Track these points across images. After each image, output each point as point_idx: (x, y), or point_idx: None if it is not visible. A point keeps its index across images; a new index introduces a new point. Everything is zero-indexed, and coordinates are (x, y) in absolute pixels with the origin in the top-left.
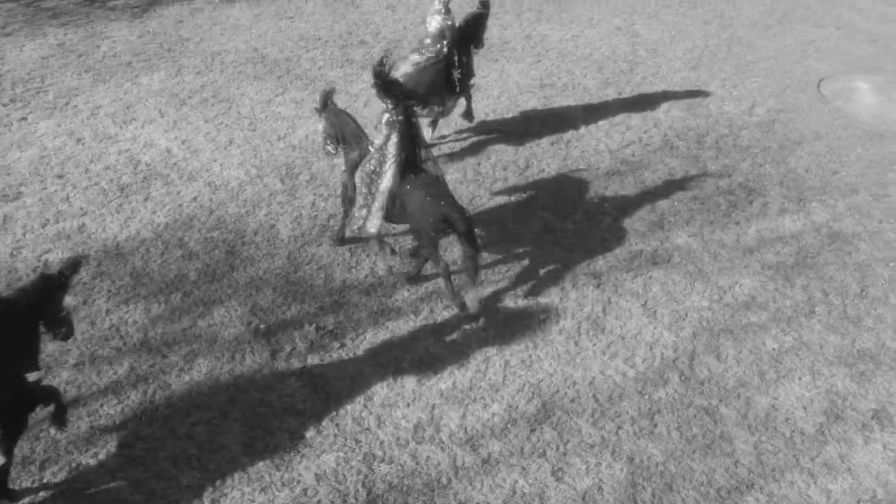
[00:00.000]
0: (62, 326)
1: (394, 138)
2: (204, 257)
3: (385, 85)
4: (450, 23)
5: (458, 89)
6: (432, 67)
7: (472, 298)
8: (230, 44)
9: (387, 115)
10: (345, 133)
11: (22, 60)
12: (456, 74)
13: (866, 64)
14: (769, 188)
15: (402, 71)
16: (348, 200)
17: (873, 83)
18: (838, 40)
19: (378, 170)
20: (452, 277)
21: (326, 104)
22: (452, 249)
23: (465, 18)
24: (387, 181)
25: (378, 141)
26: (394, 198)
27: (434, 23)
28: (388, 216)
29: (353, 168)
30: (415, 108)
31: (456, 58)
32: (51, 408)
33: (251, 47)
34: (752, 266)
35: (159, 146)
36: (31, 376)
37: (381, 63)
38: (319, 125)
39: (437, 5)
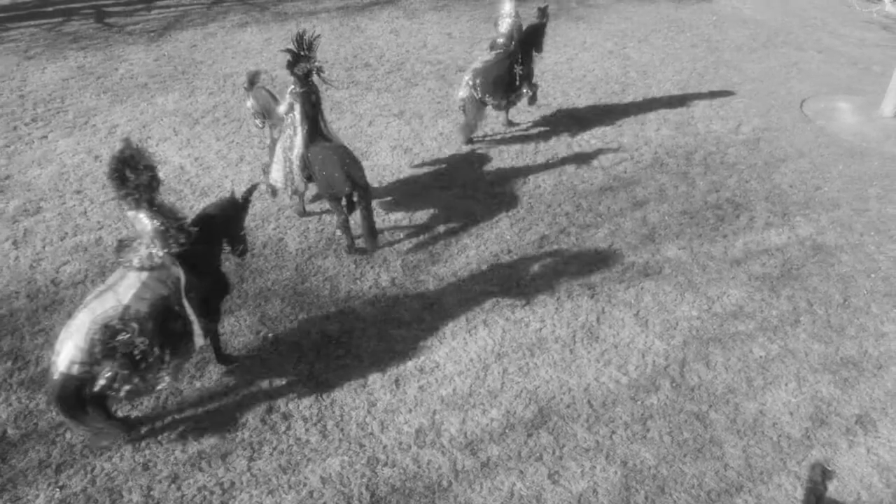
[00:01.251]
0: (241, 243)
1: (297, 108)
2: None
3: (292, 63)
4: (518, 24)
5: (518, 84)
6: (501, 63)
7: (371, 244)
8: (241, 66)
9: (291, 87)
10: (268, 109)
11: (43, 82)
12: (518, 70)
13: (846, 85)
14: (755, 203)
15: (473, 66)
16: (264, 165)
17: (853, 103)
18: (820, 63)
19: (291, 138)
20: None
21: (253, 83)
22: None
23: (526, 28)
24: (298, 147)
25: (281, 109)
26: (304, 160)
27: (504, 25)
28: (307, 176)
29: (278, 138)
30: (485, 99)
31: (519, 56)
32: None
33: (261, 69)
34: (739, 277)
35: (173, 163)
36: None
37: (298, 40)
38: (247, 103)
39: (508, 9)
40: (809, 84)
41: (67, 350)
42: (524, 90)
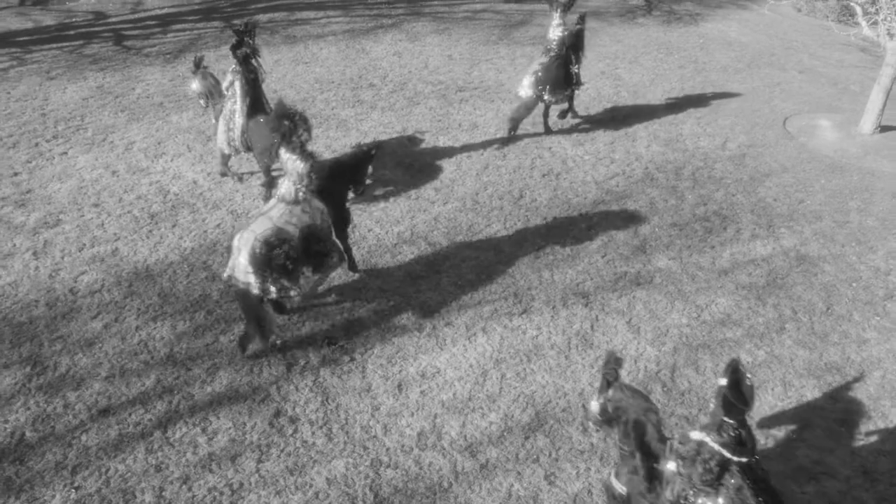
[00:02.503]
0: (363, 186)
1: (237, 84)
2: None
3: (235, 46)
4: (567, 32)
5: (574, 81)
6: (555, 64)
7: None
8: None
9: (232, 66)
10: (211, 91)
11: (64, 101)
12: (574, 69)
13: (827, 104)
14: (741, 215)
15: (533, 69)
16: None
17: (834, 121)
18: (801, 83)
19: (232, 110)
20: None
21: (198, 66)
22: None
23: (570, 33)
24: (238, 118)
25: (224, 84)
26: (243, 131)
27: (556, 33)
28: (245, 145)
29: (219, 115)
30: (546, 96)
31: (572, 57)
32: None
33: (271, 89)
34: (726, 286)
35: (187, 178)
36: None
37: (244, 26)
38: (192, 85)
39: (557, 20)
40: (792, 103)
41: (241, 263)
42: (576, 89)
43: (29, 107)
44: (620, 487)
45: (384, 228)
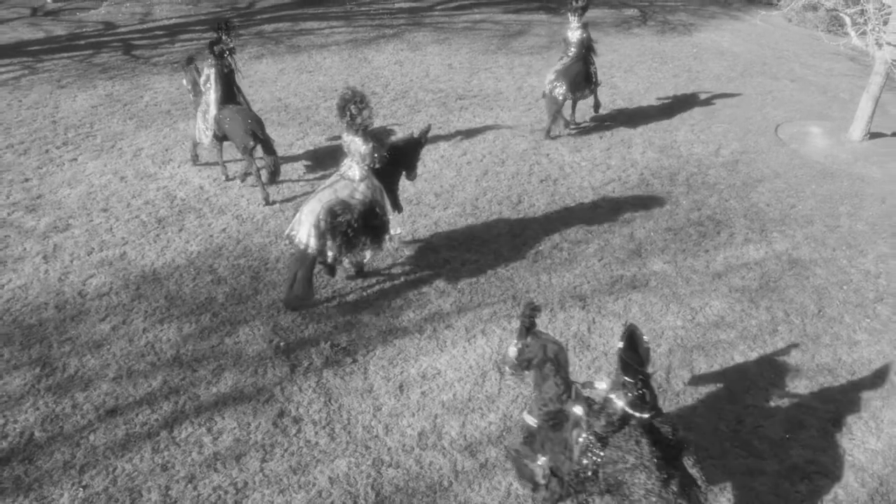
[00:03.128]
0: (414, 170)
1: (212, 77)
2: (231, 282)
3: (213, 43)
4: (585, 35)
5: (594, 80)
6: (576, 65)
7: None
8: (257, 94)
9: (208, 61)
10: (198, 83)
11: (74, 109)
12: (593, 69)
13: (817, 111)
14: (734, 220)
15: (555, 68)
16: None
17: (824, 128)
18: (792, 91)
19: (207, 102)
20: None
21: (190, 63)
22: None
23: (588, 35)
24: (212, 109)
25: (202, 78)
26: (218, 121)
27: (575, 35)
28: (218, 133)
29: (198, 107)
30: (567, 93)
31: (590, 57)
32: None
33: (276, 97)
34: (720, 290)
35: (193, 183)
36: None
37: (223, 25)
38: (183, 80)
39: (575, 24)
40: (783, 110)
41: (305, 229)
42: (597, 83)
43: (40, 114)
44: (532, 420)
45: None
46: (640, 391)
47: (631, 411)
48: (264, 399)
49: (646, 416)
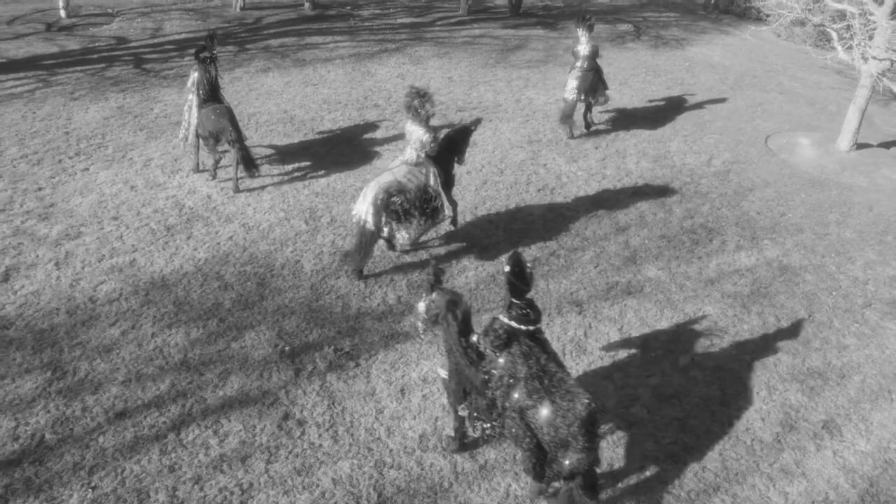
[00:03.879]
0: (463, 155)
1: (195, 80)
2: (238, 288)
3: (199, 51)
4: (595, 45)
5: (607, 87)
6: (589, 73)
7: (234, 182)
8: (264, 106)
9: (194, 66)
10: (198, 87)
11: (87, 120)
12: (603, 77)
13: (806, 123)
14: (726, 228)
15: (575, 75)
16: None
17: (813, 139)
18: (781, 103)
19: (191, 103)
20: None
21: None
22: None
23: (596, 47)
24: (194, 109)
25: (188, 82)
26: (198, 121)
27: (586, 49)
28: (200, 132)
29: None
30: (581, 96)
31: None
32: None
33: (282, 109)
34: (713, 295)
35: (201, 193)
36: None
37: (210, 37)
38: (188, 80)
39: (585, 39)
40: (773, 122)
41: (364, 206)
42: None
43: (53, 125)
44: (444, 373)
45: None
46: (525, 309)
47: (517, 325)
48: (269, 402)
49: (532, 328)
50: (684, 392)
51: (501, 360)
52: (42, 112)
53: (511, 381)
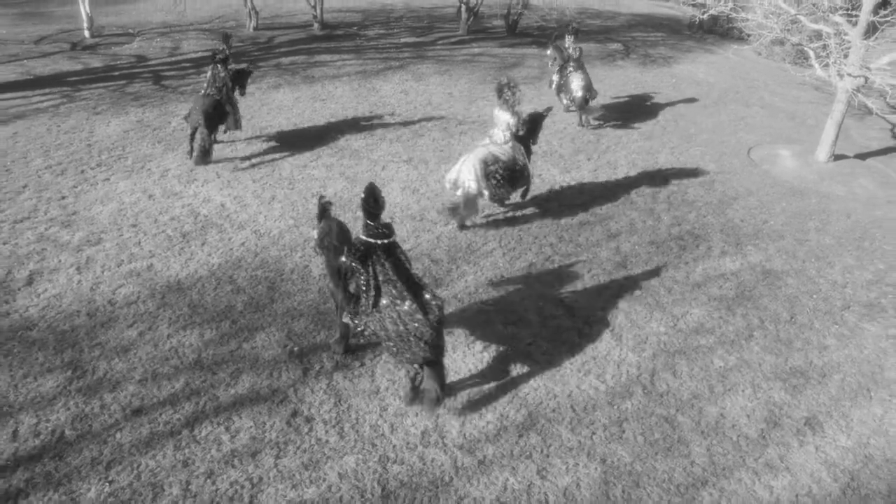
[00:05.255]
0: (537, 137)
1: (209, 76)
2: (249, 291)
3: (213, 53)
4: (580, 47)
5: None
6: (585, 74)
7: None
8: (275, 120)
9: (211, 65)
10: (207, 83)
11: (108, 133)
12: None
13: (786, 135)
14: (712, 235)
15: (577, 76)
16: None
17: (793, 150)
18: (763, 117)
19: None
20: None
21: (224, 58)
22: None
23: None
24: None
25: (207, 75)
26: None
27: (576, 52)
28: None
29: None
30: (584, 94)
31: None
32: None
33: (292, 123)
34: (700, 298)
35: (215, 201)
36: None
37: (225, 39)
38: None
39: (571, 42)
40: (755, 134)
41: (464, 175)
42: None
43: (76, 138)
44: (332, 285)
45: None
46: (379, 228)
47: (372, 240)
48: (279, 400)
49: (385, 241)
50: (673, 390)
51: (363, 269)
52: (66, 125)
53: (374, 285)
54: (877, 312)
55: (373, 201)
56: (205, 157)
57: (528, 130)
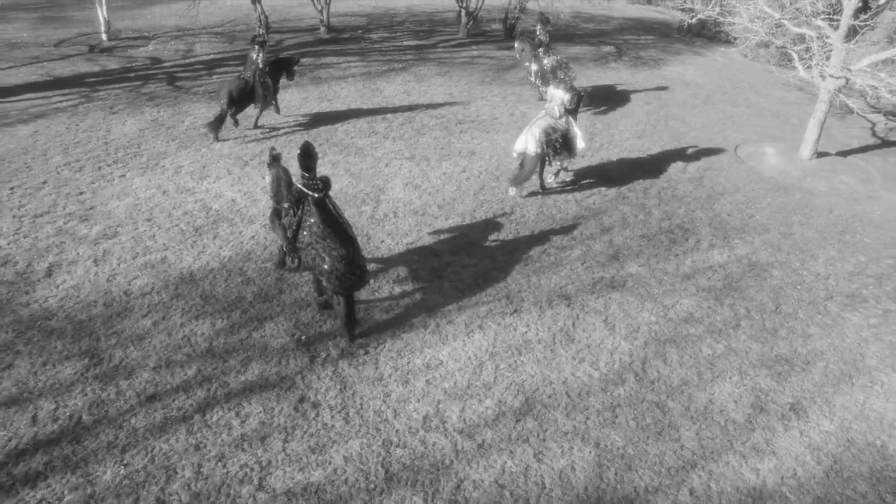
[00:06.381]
0: (577, 113)
1: (252, 57)
2: (259, 283)
3: (253, 37)
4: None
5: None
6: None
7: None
8: (283, 120)
9: (254, 47)
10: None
11: (124, 132)
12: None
13: (771, 134)
14: (700, 228)
15: (571, 77)
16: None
17: (777, 148)
18: (749, 116)
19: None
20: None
21: (262, 44)
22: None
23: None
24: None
25: (252, 55)
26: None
27: (546, 38)
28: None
29: None
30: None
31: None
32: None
33: (299, 122)
34: (689, 289)
35: (226, 196)
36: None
37: (266, 24)
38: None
39: (540, 29)
40: (741, 133)
41: (530, 143)
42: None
43: (94, 136)
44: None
45: (395, 240)
46: (313, 181)
47: (306, 190)
48: (287, 386)
49: (317, 195)
50: (663, 377)
51: (294, 211)
52: (84, 124)
53: (299, 224)
54: (858, 302)
55: (307, 157)
56: (216, 123)
57: (571, 109)
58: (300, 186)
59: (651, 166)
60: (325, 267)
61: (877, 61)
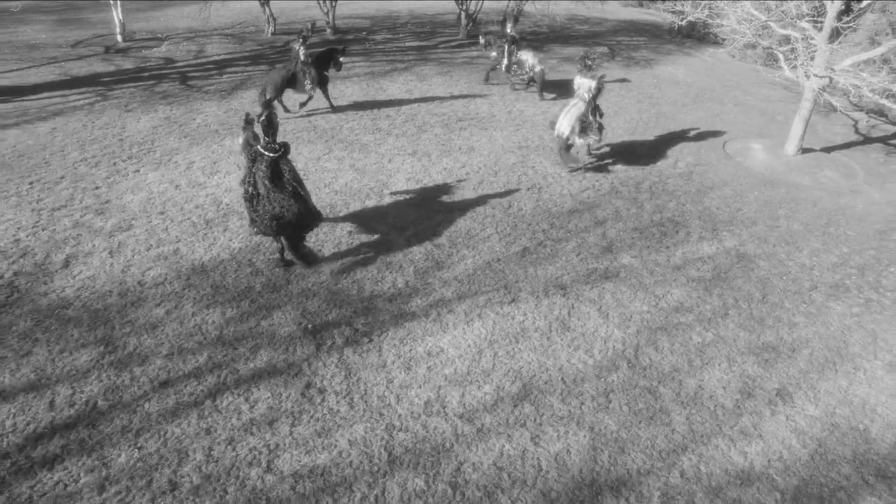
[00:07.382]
0: (598, 98)
1: (295, 52)
2: (267, 273)
3: (299, 32)
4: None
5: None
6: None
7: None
8: (291, 118)
9: (298, 42)
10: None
11: (138, 129)
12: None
13: (758, 130)
14: (690, 221)
15: (527, 53)
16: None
17: (764, 144)
18: (737, 114)
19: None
20: None
21: (306, 38)
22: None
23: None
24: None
25: (297, 49)
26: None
27: (514, 31)
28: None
29: None
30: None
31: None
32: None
33: (305, 119)
34: (679, 280)
35: (237, 191)
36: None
37: (312, 27)
38: (299, 50)
39: (510, 24)
40: (729, 130)
41: (565, 127)
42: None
43: (109, 133)
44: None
45: (397, 232)
46: (273, 144)
47: (264, 151)
48: (294, 373)
49: (272, 155)
50: (655, 364)
51: (249, 167)
52: (100, 122)
53: (251, 179)
54: (842, 292)
55: (267, 122)
56: (267, 104)
57: (598, 92)
58: (259, 148)
59: (643, 162)
60: (264, 213)
61: (859, 61)
